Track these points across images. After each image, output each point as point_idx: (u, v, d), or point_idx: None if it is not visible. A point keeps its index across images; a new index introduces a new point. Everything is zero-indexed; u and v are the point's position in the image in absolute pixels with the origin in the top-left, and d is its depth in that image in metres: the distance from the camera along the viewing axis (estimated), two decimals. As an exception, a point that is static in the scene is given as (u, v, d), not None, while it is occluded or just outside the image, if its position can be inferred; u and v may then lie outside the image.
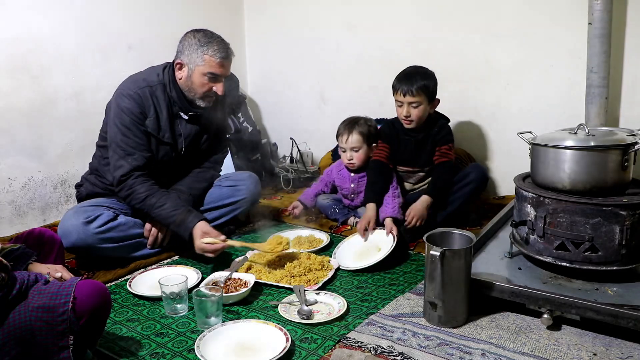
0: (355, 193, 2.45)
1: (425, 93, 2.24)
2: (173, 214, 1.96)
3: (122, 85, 2.09)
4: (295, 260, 1.91)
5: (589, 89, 2.31)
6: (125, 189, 1.99)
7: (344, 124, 2.44)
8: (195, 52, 2.01)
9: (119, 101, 2.03)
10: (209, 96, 2.08)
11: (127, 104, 2.01)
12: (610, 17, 2.22)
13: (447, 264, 1.46)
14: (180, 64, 2.05)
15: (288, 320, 1.55)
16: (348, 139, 2.38)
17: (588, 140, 1.58)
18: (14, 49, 2.39)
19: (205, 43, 2.02)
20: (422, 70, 2.29)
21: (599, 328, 1.45)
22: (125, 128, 2.00)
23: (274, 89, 3.47)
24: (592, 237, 1.53)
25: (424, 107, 2.26)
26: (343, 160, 2.45)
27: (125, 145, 2.00)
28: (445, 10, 2.75)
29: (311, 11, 3.22)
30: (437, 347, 1.41)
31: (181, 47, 2.06)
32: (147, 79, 2.08)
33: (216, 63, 2.02)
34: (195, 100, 2.09)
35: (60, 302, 1.18)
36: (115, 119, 2.02)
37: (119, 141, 2.00)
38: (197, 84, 2.04)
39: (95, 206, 1.99)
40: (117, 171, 1.99)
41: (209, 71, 2.02)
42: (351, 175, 2.45)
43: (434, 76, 2.30)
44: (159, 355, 1.41)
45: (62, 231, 1.89)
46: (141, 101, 2.03)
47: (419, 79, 2.24)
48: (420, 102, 2.24)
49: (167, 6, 3.01)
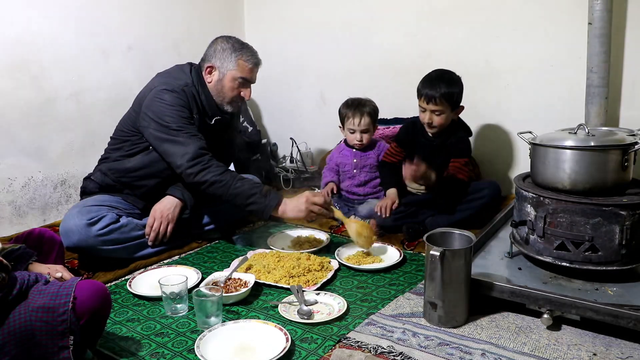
0: (359, 168, 2.51)
1: (448, 101, 2.20)
2: (256, 186, 1.98)
3: (161, 82, 2.10)
4: (295, 260, 1.91)
5: (589, 89, 2.31)
6: (201, 164, 1.97)
7: (351, 107, 2.47)
8: (228, 57, 2.07)
9: (163, 96, 2.03)
10: (236, 101, 2.14)
11: (175, 97, 2.03)
12: (610, 17, 2.22)
13: (447, 264, 1.46)
14: (212, 67, 2.10)
15: (288, 320, 1.55)
16: (361, 122, 2.43)
17: (588, 140, 1.58)
18: (14, 49, 2.39)
19: (238, 49, 2.09)
20: (448, 76, 2.24)
21: (599, 328, 1.45)
22: (181, 117, 2.02)
23: (274, 89, 3.47)
24: (592, 237, 1.53)
25: (447, 115, 2.23)
26: (351, 141, 2.51)
27: (187, 128, 2.01)
28: (445, 10, 2.75)
29: (311, 11, 3.22)
30: (437, 347, 1.41)
31: (212, 51, 2.11)
32: (183, 79, 2.11)
33: (249, 68, 2.09)
34: (223, 105, 2.13)
35: (61, 302, 1.18)
36: (165, 111, 2.01)
37: (177, 127, 2.00)
38: (227, 88, 2.09)
39: (100, 206, 1.99)
40: (188, 149, 1.97)
41: (241, 76, 2.08)
42: (353, 151, 2.53)
43: (460, 82, 2.26)
44: (159, 355, 1.41)
45: (64, 230, 1.89)
46: (187, 98, 2.07)
47: (444, 86, 2.19)
48: (443, 110, 2.21)
49: (167, 6, 3.01)
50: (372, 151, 2.53)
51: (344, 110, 2.50)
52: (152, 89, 2.08)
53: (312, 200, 1.94)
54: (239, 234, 2.34)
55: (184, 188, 2.12)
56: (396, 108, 2.84)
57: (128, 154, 2.12)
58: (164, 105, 2.02)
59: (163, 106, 2.02)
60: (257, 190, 1.95)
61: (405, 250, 2.10)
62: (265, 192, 1.96)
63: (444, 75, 2.25)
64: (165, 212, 2.07)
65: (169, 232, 2.08)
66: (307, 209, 1.93)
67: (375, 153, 2.52)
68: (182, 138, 1.99)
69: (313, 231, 2.29)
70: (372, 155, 2.52)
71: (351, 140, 2.51)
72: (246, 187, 1.96)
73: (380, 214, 2.23)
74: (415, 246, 2.14)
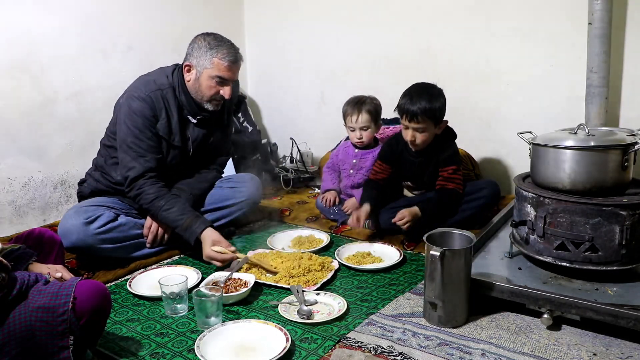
0: (356, 168, 2.51)
1: (431, 118, 2.10)
2: (180, 217, 1.96)
3: (133, 86, 2.09)
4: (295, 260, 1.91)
5: (589, 89, 2.31)
6: (135, 188, 2.00)
7: (351, 105, 2.48)
8: (204, 55, 2.03)
9: (130, 103, 2.03)
10: (215, 99, 2.10)
11: (139, 107, 2.02)
12: (610, 17, 2.22)
13: (447, 264, 1.46)
14: (189, 66, 2.07)
15: (288, 320, 1.55)
16: (358, 119, 2.44)
17: (588, 140, 1.58)
18: (14, 49, 2.39)
19: (214, 46, 2.03)
20: (429, 91, 2.13)
21: (599, 328, 1.45)
22: (137, 130, 2.01)
23: (274, 89, 3.47)
24: (592, 237, 1.53)
25: (430, 131, 2.15)
26: (352, 138, 2.52)
27: (137, 147, 2.01)
28: (445, 10, 2.75)
29: (311, 11, 3.23)
30: (437, 347, 1.41)
31: (190, 50, 2.08)
32: (158, 81, 2.09)
33: (224, 67, 2.03)
34: (202, 104, 2.10)
35: (61, 302, 1.18)
36: (126, 120, 2.02)
37: (130, 143, 2.00)
38: (204, 86, 2.05)
39: (96, 206, 1.99)
40: (129, 172, 2.00)
41: (217, 74, 2.03)
42: (355, 151, 2.53)
43: (442, 96, 2.15)
44: (159, 355, 1.41)
45: (62, 231, 1.89)
46: (153, 104, 2.04)
47: (425, 102, 2.08)
48: (425, 127, 2.12)
49: (167, 6, 3.01)
50: (370, 154, 2.50)
51: (345, 107, 2.51)
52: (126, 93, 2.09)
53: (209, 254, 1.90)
54: (239, 234, 2.34)
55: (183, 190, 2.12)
56: (396, 108, 2.84)
57: (114, 161, 2.10)
58: (129, 112, 2.02)
59: (128, 113, 2.02)
60: (179, 224, 1.97)
61: (405, 250, 2.10)
62: (187, 225, 1.95)
63: (424, 90, 2.13)
64: None
65: (167, 234, 2.08)
66: (208, 256, 1.91)
67: (372, 156, 2.49)
68: (131, 156, 2.00)
69: (313, 231, 2.28)
70: (370, 158, 2.50)
71: (352, 138, 2.52)
72: (171, 217, 1.98)
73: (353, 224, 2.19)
74: (415, 246, 2.14)
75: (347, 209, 2.40)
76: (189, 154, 2.16)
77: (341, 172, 2.59)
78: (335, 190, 2.57)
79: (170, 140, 2.09)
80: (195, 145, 2.16)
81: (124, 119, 2.03)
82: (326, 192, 2.58)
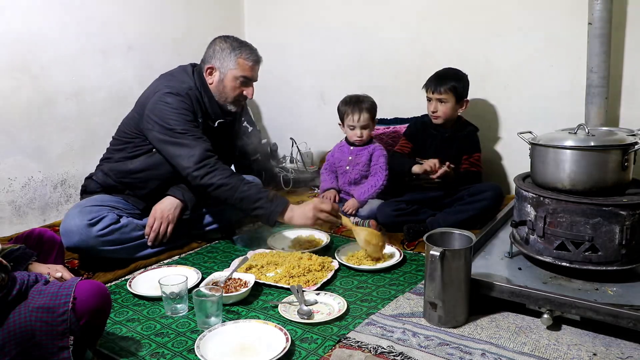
0: (353, 165, 2.54)
1: (453, 92, 2.38)
2: (263, 191, 1.96)
3: (166, 83, 2.09)
4: (295, 260, 1.91)
5: (589, 89, 2.31)
6: (208, 166, 1.96)
7: (350, 104, 2.50)
8: (228, 57, 2.07)
9: (166, 99, 2.03)
10: (239, 100, 2.12)
11: (180, 102, 2.02)
12: (610, 17, 2.22)
13: (447, 264, 1.46)
14: (212, 68, 2.09)
15: (288, 320, 1.55)
16: (360, 118, 2.48)
17: (588, 140, 1.58)
18: (14, 49, 2.39)
19: (237, 47, 2.08)
20: (454, 72, 2.44)
21: (599, 328, 1.45)
22: (185, 121, 2.01)
23: (274, 89, 3.47)
24: (592, 237, 1.53)
25: (452, 105, 2.40)
26: (351, 137, 2.54)
27: (192, 133, 2.00)
28: (445, 9, 2.75)
29: (311, 11, 3.23)
30: (437, 347, 1.41)
31: (212, 52, 2.11)
32: (187, 82, 2.10)
33: (249, 66, 2.08)
34: (226, 105, 2.12)
35: (60, 302, 1.18)
36: (169, 115, 2.00)
37: (182, 130, 1.99)
38: (229, 87, 2.08)
39: (100, 206, 1.99)
40: (194, 153, 1.96)
41: (242, 74, 2.07)
42: (351, 148, 2.57)
43: (466, 78, 2.44)
44: (159, 355, 1.41)
45: (64, 230, 1.89)
46: (191, 102, 2.07)
47: (449, 80, 2.39)
48: (447, 99, 2.39)
49: (167, 6, 3.01)
50: (366, 150, 2.53)
51: (343, 107, 2.52)
52: (156, 91, 2.07)
53: (320, 208, 1.92)
54: (239, 234, 2.34)
55: (185, 189, 2.12)
56: (396, 108, 2.84)
57: (131, 156, 2.11)
58: (168, 108, 2.01)
59: (167, 109, 2.01)
60: (263, 195, 1.94)
61: (405, 250, 2.10)
62: (272, 197, 1.94)
63: (450, 71, 2.45)
64: (165, 213, 2.07)
65: (168, 232, 2.08)
66: (314, 216, 1.91)
67: (368, 152, 2.52)
68: (188, 141, 1.98)
69: (313, 231, 2.28)
70: (365, 154, 2.52)
71: (351, 136, 2.53)
72: (253, 191, 1.94)
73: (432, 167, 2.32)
74: (415, 246, 2.14)
75: (347, 209, 2.41)
76: None
77: (337, 170, 2.60)
78: (335, 189, 2.58)
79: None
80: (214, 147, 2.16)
81: (165, 114, 2.00)
82: (326, 191, 2.58)
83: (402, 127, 2.77)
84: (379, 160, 2.50)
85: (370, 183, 2.47)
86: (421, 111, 2.59)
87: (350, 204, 2.43)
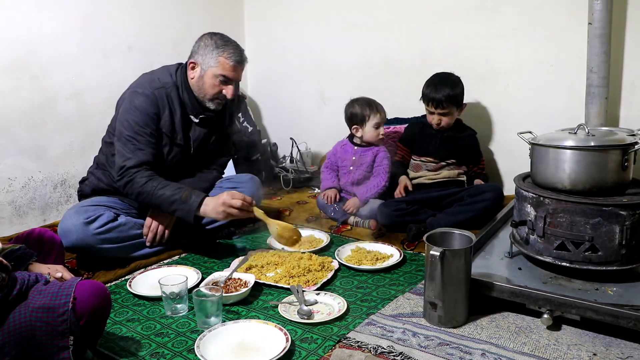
0: (356, 165, 2.53)
1: (454, 103, 2.42)
2: (177, 191, 1.95)
3: (137, 83, 2.10)
4: (295, 260, 1.91)
5: (589, 89, 2.31)
6: (127, 176, 1.97)
7: (370, 106, 2.49)
8: (210, 54, 2.04)
9: (132, 98, 2.03)
10: (218, 99, 2.10)
11: (141, 102, 2.02)
12: (610, 17, 2.22)
13: (447, 264, 1.46)
14: (194, 63, 2.08)
15: (288, 320, 1.55)
16: (384, 116, 2.52)
17: (588, 140, 1.58)
18: (14, 49, 2.39)
19: (221, 45, 2.05)
20: (450, 79, 2.43)
21: (599, 328, 1.45)
22: (138, 126, 2.00)
23: (274, 89, 3.47)
24: (592, 237, 1.53)
25: (454, 114, 2.46)
26: (374, 137, 2.51)
27: (136, 141, 2.00)
28: (445, 10, 2.75)
29: (311, 11, 3.22)
30: (437, 347, 1.41)
31: (196, 48, 2.09)
32: (162, 79, 2.09)
33: (229, 66, 2.04)
34: (205, 102, 2.11)
35: (61, 302, 1.18)
36: (127, 115, 2.01)
37: (128, 136, 2.00)
38: (208, 85, 2.06)
39: (97, 206, 1.99)
40: (125, 161, 1.98)
41: (222, 73, 2.04)
42: (354, 148, 2.56)
43: (461, 83, 2.45)
44: (159, 355, 1.41)
45: (62, 230, 1.89)
46: (156, 101, 2.04)
47: (448, 90, 2.39)
48: (450, 111, 2.43)
49: (167, 6, 3.01)
50: (370, 151, 2.52)
51: (363, 111, 2.48)
52: (130, 90, 2.10)
53: (229, 203, 1.90)
54: (239, 234, 2.34)
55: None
56: (396, 108, 2.84)
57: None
58: (131, 107, 2.02)
59: (130, 108, 2.02)
60: (177, 197, 1.94)
61: (405, 250, 2.10)
62: (185, 197, 1.94)
63: (446, 78, 2.43)
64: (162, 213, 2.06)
65: (166, 233, 2.08)
66: (224, 211, 1.91)
67: (372, 153, 2.52)
68: (127, 148, 1.99)
69: (313, 231, 2.28)
70: (369, 155, 2.52)
71: (374, 136, 2.49)
72: (167, 194, 1.95)
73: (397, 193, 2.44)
74: (415, 246, 2.14)
75: (348, 208, 2.41)
76: (190, 153, 2.16)
77: (340, 169, 2.60)
78: (336, 188, 2.58)
79: (173, 138, 2.09)
80: (196, 144, 2.16)
81: (125, 114, 2.03)
82: (327, 190, 2.58)
83: (402, 127, 2.77)
84: (383, 162, 2.49)
85: (372, 183, 2.46)
86: (421, 111, 2.59)
87: (351, 203, 2.43)
